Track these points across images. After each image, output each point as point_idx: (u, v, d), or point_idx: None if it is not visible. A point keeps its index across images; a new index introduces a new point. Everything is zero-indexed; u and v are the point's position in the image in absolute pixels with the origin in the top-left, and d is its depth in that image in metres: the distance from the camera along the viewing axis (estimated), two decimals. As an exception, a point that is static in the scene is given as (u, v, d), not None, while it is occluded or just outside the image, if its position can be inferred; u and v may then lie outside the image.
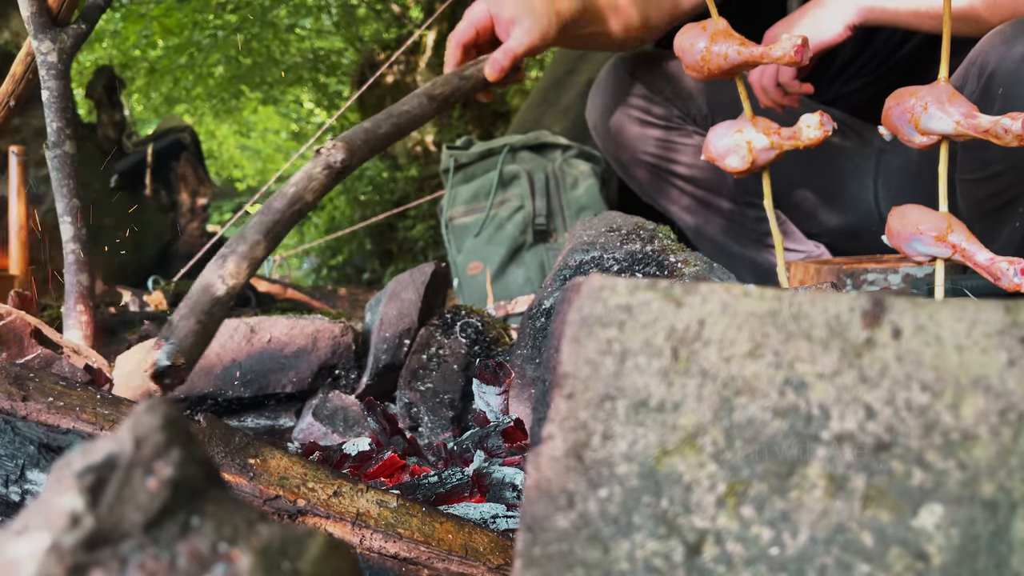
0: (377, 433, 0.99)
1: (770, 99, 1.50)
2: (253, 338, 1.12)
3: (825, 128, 1.01)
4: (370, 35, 7.28)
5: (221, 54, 7.37)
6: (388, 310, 1.16)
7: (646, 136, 1.71)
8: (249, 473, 0.70)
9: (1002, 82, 1.19)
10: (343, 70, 8.05)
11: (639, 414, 0.39)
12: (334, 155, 0.97)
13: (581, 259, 0.94)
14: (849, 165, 1.71)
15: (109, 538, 0.31)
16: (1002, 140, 0.87)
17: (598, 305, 0.41)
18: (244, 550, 0.32)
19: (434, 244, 5.51)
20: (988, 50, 1.23)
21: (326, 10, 7.40)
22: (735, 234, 1.77)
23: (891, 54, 1.66)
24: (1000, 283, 0.89)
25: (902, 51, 1.64)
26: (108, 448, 0.33)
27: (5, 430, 0.70)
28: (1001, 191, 1.29)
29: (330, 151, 0.98)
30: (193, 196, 5.39)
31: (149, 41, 7.34)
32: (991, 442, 0.36)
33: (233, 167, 11.28)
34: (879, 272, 1.28)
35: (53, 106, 1.29)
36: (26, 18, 1.28)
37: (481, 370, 1.04)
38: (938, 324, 0.38)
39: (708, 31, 1.04)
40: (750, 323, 0.40)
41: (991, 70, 1.21)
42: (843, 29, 1.34)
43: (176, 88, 7.99)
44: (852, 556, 0.36)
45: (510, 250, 2.43)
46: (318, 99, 8.90)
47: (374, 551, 0.67)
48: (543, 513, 0.39)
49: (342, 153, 0.98)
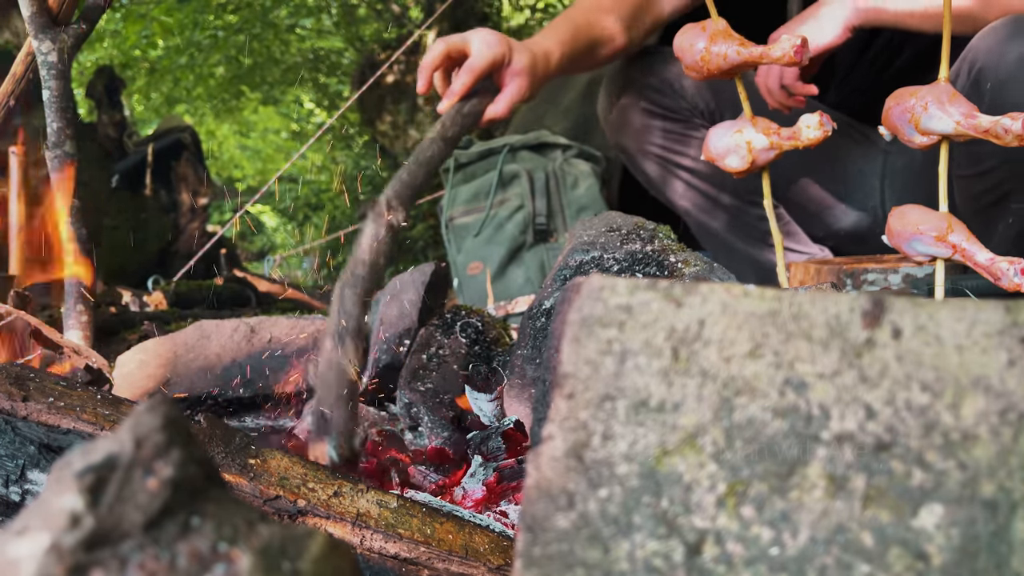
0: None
1: (775, 101, 1.50)
2: (253, 338, 1.12)
3: (824, 128, 1.01)
4: (370, 35, 7.27)
5: (221, 54, 7.37)
6: (388, 310, 1.16)
7: (654, 128, 1.72)
8: (249, 473, 0.70)
9: (992, 80, 1.20)
10: (343, 70, 8.05)
11: (639, 414, 0.39)
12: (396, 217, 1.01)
13: (581, 259, 0.94)
14: (855, 167, 1.71)
15: (109, 538, 0.31)
16: (1002, 140, 0.87)
17: (598, 305, 0.41)
18: (244, 550, 0.32)
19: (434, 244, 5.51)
20: (979, 46, 1.25)
21: (326, 10, 7.40)
22: (738, 231, 1.78)
23: (894, 56, 1.66)
24: (1000, 283, 0.89)
25: (904, 54, 1.65)
26: (108, 448, 0.33)
27: (5, 430, 0.70)
28: (994, 186, 1.30)
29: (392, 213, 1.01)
30: (193, 196, 5.39)
31: (150, 41, 7.34)
32: (991, 442, 0.36)
33: (233, 167, 11.27)
34: (879, 272, 1.28)
35: (53, 106, 1.29)
36: (26, 18, 1.28)
37: (472, 377, 1.04)
38: (938, 324, 0.38)
39: (708, 31, 1.04)
40: (750, 323, 0.39)
41: (981, 65, 1.23)
42: (843, 31, 1.35)
43: (176, 88, 7.99)
44: (852, 556, 0.36)
45: (510, 250, 2.43)
46: (318, 99, 8.90)
47: (374, 551, 0.67)
48: (543, 513, 0.39)
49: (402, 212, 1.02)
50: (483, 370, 1.04)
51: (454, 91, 1.33)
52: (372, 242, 0.97)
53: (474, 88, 1.34)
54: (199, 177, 5.46)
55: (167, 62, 7.46)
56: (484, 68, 1.33)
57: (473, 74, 1.33)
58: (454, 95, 1.33)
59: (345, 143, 7.78)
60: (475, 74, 1.33)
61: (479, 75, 1.34)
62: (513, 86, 1.37)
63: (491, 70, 1.35)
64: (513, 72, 1.37)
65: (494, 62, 1.34)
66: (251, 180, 10.87)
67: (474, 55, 1.34)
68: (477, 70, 1.33)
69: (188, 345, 1.12)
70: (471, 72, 1.33)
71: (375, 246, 0.96)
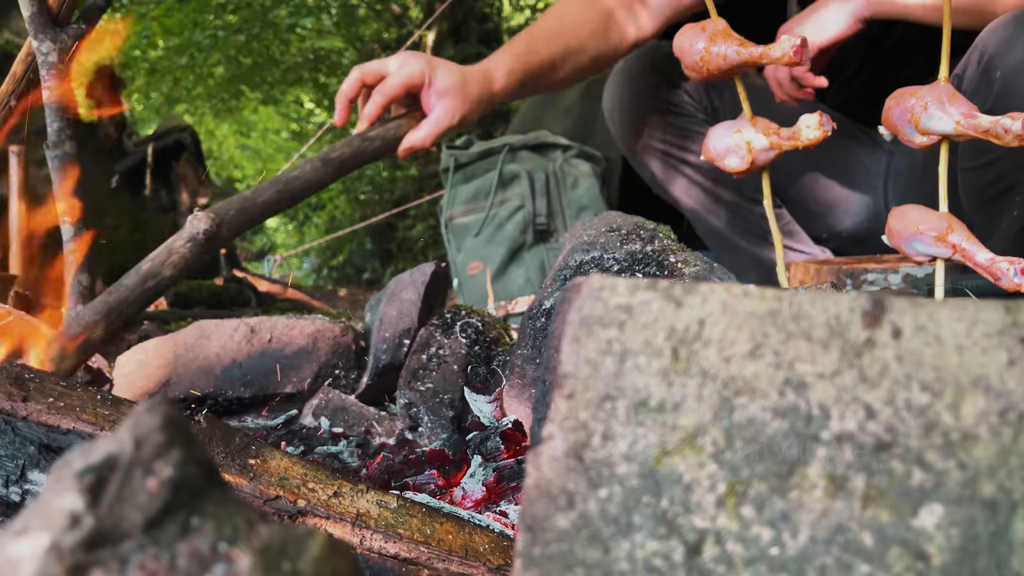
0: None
1: (784, 93, 1.50)
2: (253, 338, 1.12)
3: (824, 128, 1.01)
4: (370, 35, 7.28)
5: (221, 54, 7.38)
6: (388, 310, 1.16)
7: (659, 124, 1.72)
8: (249, 473, 0.70)
9: (1001, 70, 1.21)
10: (343, 70, 8.05)
11: (639, 414, 0.39)
12: (196, 225, 0.94)
13: (581, 259, 0.94)
14: (860, 168, 1.71)
15: (109, 538, 0.31)
16: (1002, 140, 0.87)
17: (598, 305, 0.41)
18: (244, 550, 0.32)
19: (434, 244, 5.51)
20: (989, 37, 1.25)
21: (326, 10, 7.40)
22: (740, 229, 1.78)
23: (901, 56, 1.66)
24: (1000, 283, 0.89)
25: (913, 54, 1.65)
26: (108, 448, 0.33)
27: (5, 431, 0.70)
28: (999, 178, 1.30)
29: (193, 221, 0.94)
30: (193, 196, 5.39)
31: (150, 41, 7.35)
32: (991, 442, 0.36)
33: (233, 167, 11.28)
34: (879, 272, 1.28)
35: (53, 106, 1.29)
36: (27, 18, 1.28)
37: (471, 379, 1.04)
38: (938, 324, 0.38)
39: (707, 31, 1.04)
40: (750, 323, 0.40)
41: (990, 56, 1.23)
42: (852, 22, 1.35)
43: (176, 88, 7.99)
44: (852, 556, 0.36)
45: (510, 250, 2.43)
46: (318, 99, 8.91)
47: (374, 551, 0.67)
48: (543, 513, 0.39)
49: (205, 224, 0.94)
50: (482, 372, 1.03)
51: (366, 115, 1.26)
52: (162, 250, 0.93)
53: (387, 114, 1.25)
54: (199, 177, 5.47)
55: (167, 62, 7.46)
56: (397, 90, 1.25)
57: (385, 96, 1.25)
58: (365, 119, 1.26)
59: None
60: (387, 96, 1.25)
61: (392, 96, 1.26)
62: (439, 109, 1.27)
63: (407, 91, 1.27)
64: (438, 93, 1.27)
65: (410, 83, 1.26)
66: (251, 180, 10.87)
67: (389, 76, 1.26)
68: (390, 92, 1.25)
69: (188, 345, 1.12)
70: (383, 94, 1.25)
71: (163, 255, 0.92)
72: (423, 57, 1.29)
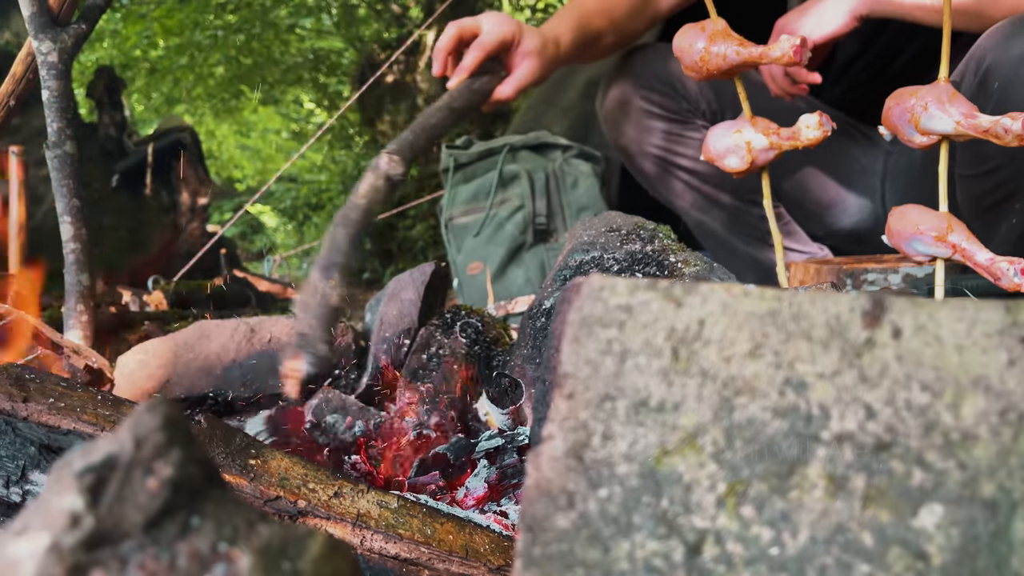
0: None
1: (779, 88, 1.50)
2: (253, 338, 1.12)
3: (824, 128, 1.01)
4: (370, 35, 7.27)
5: (221, 54, 7.37)
6: (388, 310, 1.16)
7: (653, 128, 1.72)
8: (250, 474, 0.70)
9: (999, 79, 1.20)
10: (343, 70, 8.05)
11: (639, 414, 0.39)
12: (395, 168, 1.06)
13: (581, 259, 0.94)
14: (857, 167, 1.71)
15: (109, 538, 0.31)
16: (1002, 140, 0.87)
17: (598, 305, 0.41)
18: (244, 550, 0.32)
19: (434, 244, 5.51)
20: (987, 44, 1.25)
21: (326, 10, 7.40)
22: (738, 231, 1.78)
23: (897, 55, 1.66)
24: (1000, 283, 0.89)
25: (906, 53, 1.64)
26: (108, 448, 0.33)
27: (6, 431, 0.70)
28: (998, 186, 1.29)
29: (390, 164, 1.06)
30: (193, 196, 5.39)
31: (150, 41, 7.35)
32: (991, 442, 0.36)
33: (233, 167, 11.28)
34: (879, 272, 1.28)
35: (53, 106, 1.29)
36: (27, 18, 1.28)
37: (487, 387, 1.04)
38: (938, 324, 0.38)
39: (707, 31, 1.04)
40: (750, 323, 0.39)
41: (988, 64, 1.23)
42: (850, 19, 1.36)
43: (176, 88, 7.99)
44: (852, 556, 0.36)
45: (510, 250, 2.43)
46: (318, 99, 8.90)
47: (375, 552, 0.67)
48: (543, 513, 0.39)
49: (401, 167, 1.07)
50: (503, 382, 1.04)
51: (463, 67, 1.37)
52: (369, 190, 1.02)
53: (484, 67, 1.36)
54: (199, 177, 5.47)
55: (167, 62, 7.46)
56: (494, 46, 1.36)
57: (483, 50, 1.36)
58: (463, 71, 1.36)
59: (345, 143, 7.78)
60: (485, 50, 1.36)
61: (489, 52, 1.36)
62: (523, 68, 1.40)
63: (501, 49, 1.38)
64: (523, 53, 1.40)
65: (504, 41, 1.37)
66: (251, 180, 10.87)
67: (484, 33, 1.37)
68: (487, 47, 1.36)
69: (188, 345, 1.12)
70: (481, 48, 1.36)
71: (371, 194, 1.01)
72: (513, 20, 1.41)
